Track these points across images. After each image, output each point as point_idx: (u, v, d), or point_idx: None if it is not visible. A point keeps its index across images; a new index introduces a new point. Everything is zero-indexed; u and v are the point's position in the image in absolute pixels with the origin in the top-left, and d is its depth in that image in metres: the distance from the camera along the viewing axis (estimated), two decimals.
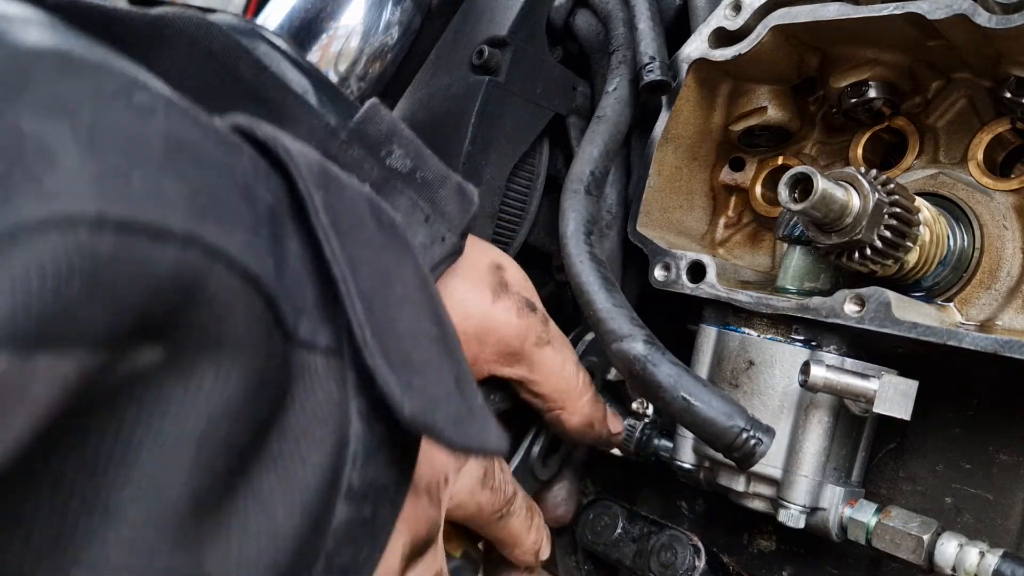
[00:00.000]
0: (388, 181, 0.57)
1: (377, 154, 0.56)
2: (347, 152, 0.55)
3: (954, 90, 0.72)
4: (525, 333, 0.64)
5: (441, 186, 0.59)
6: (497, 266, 0.65)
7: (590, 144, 0.77)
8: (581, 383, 0.69)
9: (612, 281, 0.68)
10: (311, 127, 0.54)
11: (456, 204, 0.60)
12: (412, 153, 0.58)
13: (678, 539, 0.75)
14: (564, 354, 0.68)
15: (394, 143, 0.57)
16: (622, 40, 0.81)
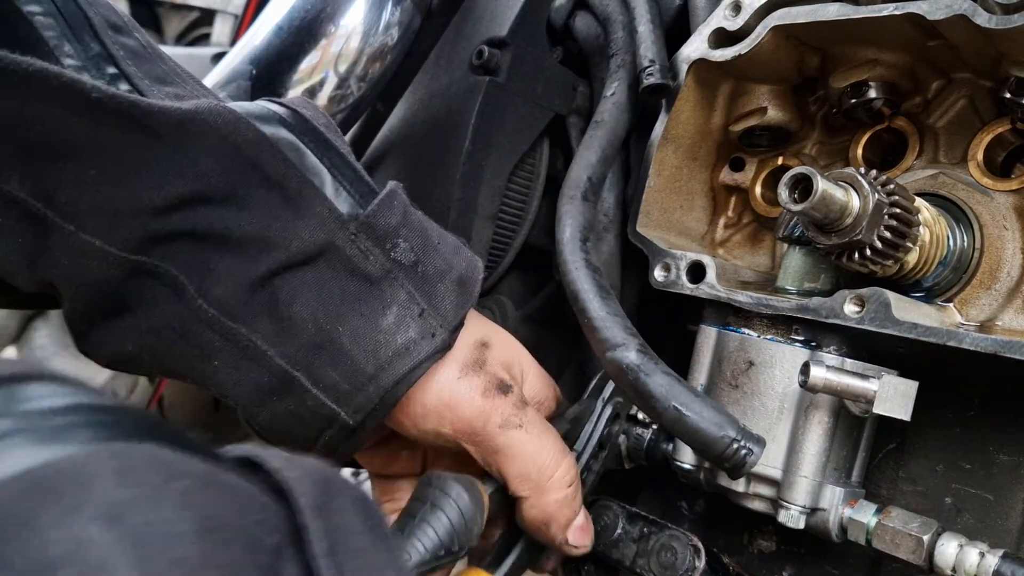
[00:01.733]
0: (390, 273, 0.60)
1: (383, 246, 0.60)
2: (354, 243, 0.59)
3: (954, 90, 0.72)
4: (488, 414, 0.62)
5: (441, 280, 0.63)
6: (482, 343, 0.65)
7: (587, 149, 0.77)
8: (555, 478, 0.64)
9: (607, 289, 0.68)
10: (322, 216, 0.58)
11: (453, 299, 0.63)
12: (417, 247, 0.62)
13: (678, 539, 0.75)
14: (540, 443, 0.63)
15: (400, 236, 0.61)
16: (621, 44, 0.81)
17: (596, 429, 0.72)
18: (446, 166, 0.81)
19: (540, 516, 0.64)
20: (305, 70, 0.80)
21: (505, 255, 0.88)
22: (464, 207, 0.81)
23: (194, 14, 2.12)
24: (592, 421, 0.72)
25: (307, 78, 0.80)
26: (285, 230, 0.57)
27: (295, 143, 0.59)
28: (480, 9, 0.86)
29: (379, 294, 0.60)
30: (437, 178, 0.82)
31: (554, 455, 0.64)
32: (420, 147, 0.86)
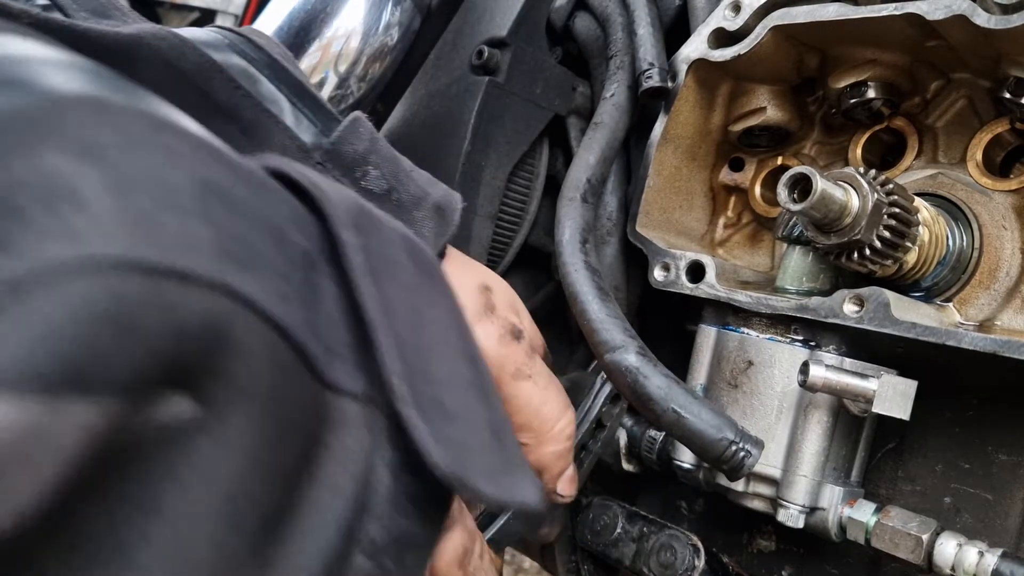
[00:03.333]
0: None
1: (352, 175, 0.56)
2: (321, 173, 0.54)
3: (953, 90, 0.72)
4: (502, 362, 0.60)
5: (417, 207, 0.59)
6: (485, 287, 0.62)
7: (587, 151, 0.77)
8: (555, 430, 0.62)
9: (606, 291, 0.68)
10: (283, 146, 0.54)
11: (433, 225, 0.59)
12: (389, 173, 0.58)
13: (677, 539, 0.75)
14: (545, 395, 0.61)
15: (370, 164, 0.57)
16: (620, 45, 0.81)
17: (595, 404, 0.70)
18: (446, 166, 0.81)
19: (535, 464, 0.62)
20: (305, 70, 0.80)
21: (505, 255, 0.88)
22: (464, 207, 0.81)
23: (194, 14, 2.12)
24: (591, 396, 0.71)
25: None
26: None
27: (248, 69, 0.55)
28: (480, 9, 0.86)
29: None
30: (437, 178, 0.82)
31: (558, 407, 0.62)
32: (420, 147, 0.86)
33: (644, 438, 0.78)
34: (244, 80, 0.54)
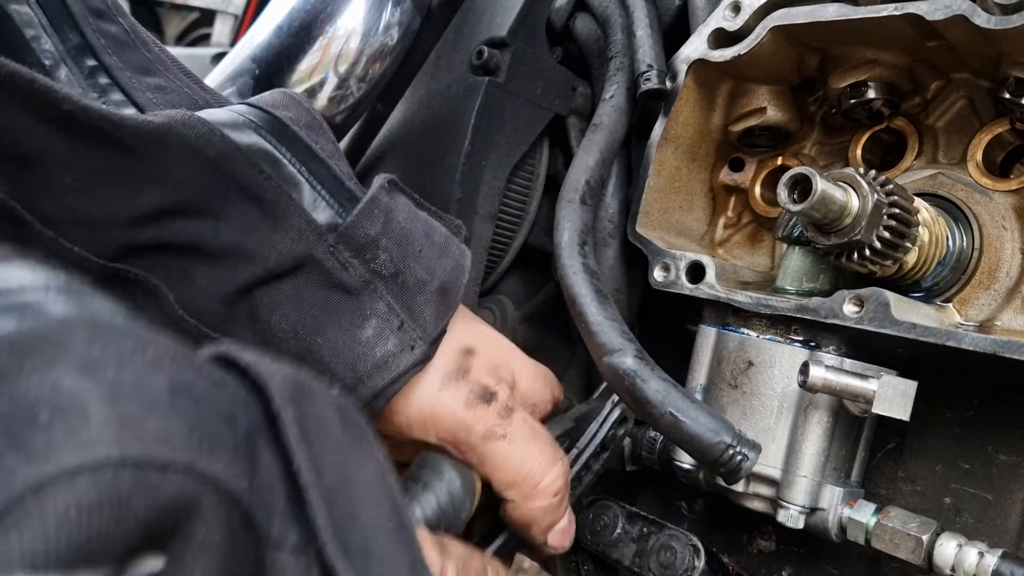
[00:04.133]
0: (369, 284, 0.60)
1: (362, 256, 0.59)
2: (333, 255, 0.58)
3: (953, 90, 0.72)
4: (469, 425, 0.61)
5: (421, 291, 0.62)
6: (466, 350, 0.64)
7: (586, 153, 0.77)
8: (540, 486, 0.62)
9: (604, 293, 0.68)
10: (300, 230, 0.57)
11: (433, 309, 0.62)
12: (398, 256, 0.61)
13: (677, 539, 0.75)
14: (525, 452, 0.62)
15: (380, 247, 0.60)
16: (620, 47, 0.81)
17: (601, 430, 0.71)
18: (446, 166, 0.81)
19: (522, 519, 0.64)
20: (305, 70, 0.80)
21: (505, 255, 0.88)
22: (464, 207, 0.81)
23: (194, 14, 2.12)
24: (598, 421, 0.71)
25: (307, 78, 0.80)
26: (262, 243, 0.56)
27: (271, 152, 0.58)
28: (480, 9, 0.86)
29: (358, 306, 0.59)
30: (437, 178, 0.82)
31: (541, 463, 0.62)
32: (420, 147, 0.86)
33: (644, 439, 0.78)
34: (266, 164, 0.57)
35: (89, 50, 0.57)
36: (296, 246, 0.57)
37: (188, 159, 0.53)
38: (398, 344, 0.60)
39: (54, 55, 0.56)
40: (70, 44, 0.57)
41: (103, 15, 0.59)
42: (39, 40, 0.56)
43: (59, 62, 0.57)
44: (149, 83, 0.60)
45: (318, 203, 0.59)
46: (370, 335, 0.59)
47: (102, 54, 0.58)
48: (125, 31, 0.60)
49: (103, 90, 0.59)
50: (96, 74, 0.58)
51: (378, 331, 0.59)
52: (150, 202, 0.52)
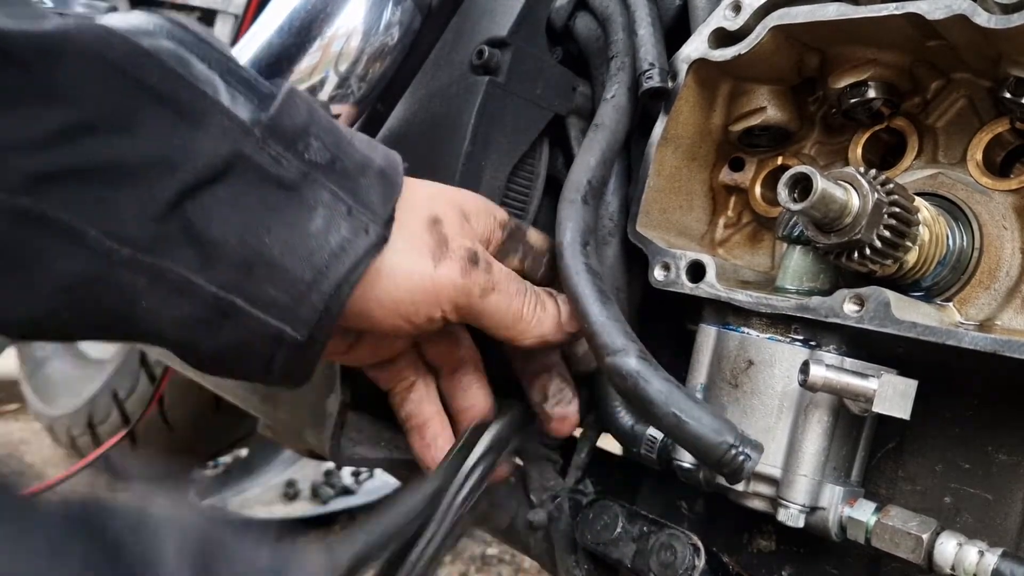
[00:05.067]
0: (307, 175, 0.57)
1: (295, 148, 0.57)
2: (264, 150, 0.55)
3: (953, 90, 0.72)
4: (469, 289, 0.65)
5: (362, 174, 0.60)
6: (433, 220, 0.65)
7: (587, 152, 0.77)
8: (528, 312, 0.69)
9: (607, 293, 0.68)
10: (224, 128, 0.54)
11: (379, 191, 0.60)
12: (331, 142, 0.59)
13: (678, 539, 0.75)
14: (508, 292, 0.68)
15: (311, 135, 0.57)
16: (621, 46, 0.81)
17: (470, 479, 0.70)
18: (446, 166, 0.81)
19: (535, 341, 0.71)
20: (305, 70, 0.80)
21: None
22: None
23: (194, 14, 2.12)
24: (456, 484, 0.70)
25: (307, 78, 0.80)
26: (185, 148, 0.52)
27: (178, 52, 0.53)
28: (480, 9, 0.86)
29: (300, 199, 0.57)
30: (437, 178, 0.82)
31: (522, 293, 0.69)
32: (420, 147, 0.86)
33: (644, 438, 0.78)
34: (176, 64, 0.53)
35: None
36: (222, 145, 0.53)
37: (90, 67, 0.49)
38: (351, 229, 0.58)
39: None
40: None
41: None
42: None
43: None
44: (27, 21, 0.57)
45: (236, 99, 0.55)
46: (320, 225, 0.57)
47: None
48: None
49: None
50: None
51: (327, 220, 0.57)
52: (53, 121, 0.48)
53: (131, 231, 0.51)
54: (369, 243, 0.59)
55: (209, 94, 0.54)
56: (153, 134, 0.51)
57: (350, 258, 0.58)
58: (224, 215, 0.54)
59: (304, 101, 0.59)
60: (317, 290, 0.57)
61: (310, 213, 0.57)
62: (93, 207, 0.50)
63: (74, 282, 0.51)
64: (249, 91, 0.57)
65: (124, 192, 0.50)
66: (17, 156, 0.47)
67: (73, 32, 0.48)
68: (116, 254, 0.51)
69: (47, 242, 0.49)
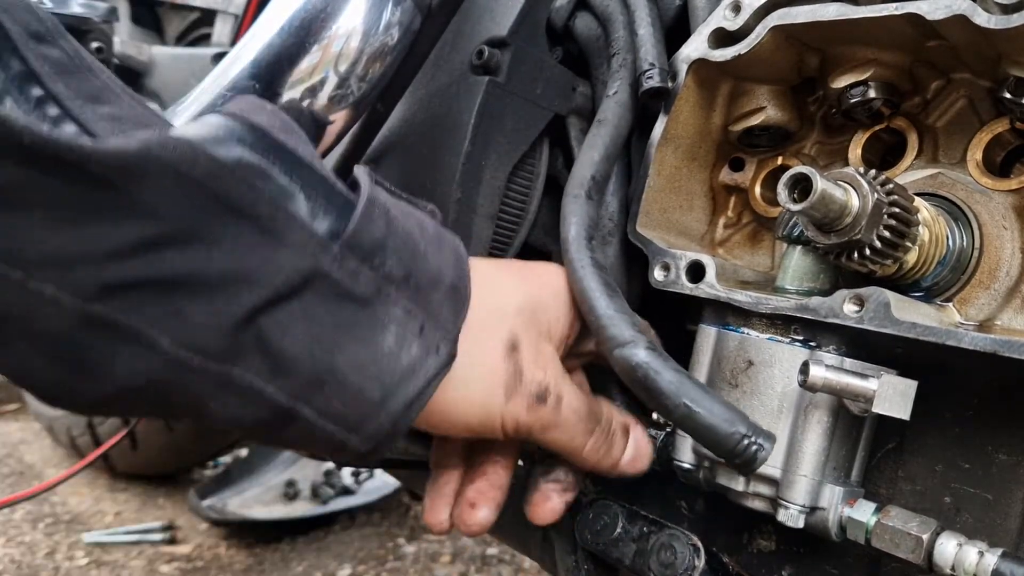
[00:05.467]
0: (381, 290, 0.57)
1: (371, 262, 0.56)
2: (341, 266, 0.55)
3: (953, 90, 0.72)
4: (531, 425, 0.66)
5: (434, 289, 0.60)
6: (512, 347, 0.65)
7: (591, 148, 0.77)
8: (590, 451, 0.71)
9: (614, 287, 0.68)
10: (303, 244, 0.53)
11: (450, 307, 0.61)
12: (407, 256, 0.58)
13: (678, 539, 0.75)
14: (573, 431, 0.69)
15: (388, 248, 0.57)
16: (623, 44, 0.81)
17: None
18: (446, 166, 0.81)
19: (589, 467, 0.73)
20: (305, 70, 0.80)
21: (505, 255, 0.88)
22: (464, 207, 0.81)
23: (194, 14, 2.12)
24: None
25: (307, 78, 0.80)
26: (264, 263, 0.52)
27: (258, 165, 0.53)
28: (480, 9, 0.86)
29: (374, 315, 0.57)
30: (437, 178, 0.82)
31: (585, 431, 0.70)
32: (420, 147, 0.86)
33: None
34: (256, 177, 0.52)
35: (33, 78, 0.53)
36: (301, 262, 0.53)
37: (171, 184, 0.48)
38: (422, 348, 0.58)
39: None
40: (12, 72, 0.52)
41: (43, 38, 0.55)
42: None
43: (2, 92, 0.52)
44: (102, 112, 0.56)
45: (316, 212, 0.55)
46: (392, 344, 0.57)
47: (48, 81, 0.53)
48: (68, 56, 0.56)
49: (53, 121, 0.54)
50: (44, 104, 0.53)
51: (400, 338, 0.57)
52: (132, 235, 0.47)
53: (204, 341, 0.51)
54: (440, 363, 0.59)
55: (289, 209, 0.53)
56: (231, 249, 0.51)
57: (420, 380, 0.58)
58: (298, 329, 0.54)
59: (381, 209, 0.58)
60: (386, 410, 0.57)
61: (383, 331, 0.57)
62: (167, 317, 0.50)
63: (142, 383, 0.51)
64: (328, 201, 0.56)
65: (199, 304, 0.50)
66: (94, 266, 0.47)
67: (156, 150, 0.48)
68: (188, 362, 0.51)
69: (118, 347, 0.49)
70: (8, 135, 0.42)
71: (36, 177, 0.44)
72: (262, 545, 2.22)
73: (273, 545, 2.22)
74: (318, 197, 0.56)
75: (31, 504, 2.30)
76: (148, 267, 0.48)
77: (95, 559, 2.10)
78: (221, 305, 0.51)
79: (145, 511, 2.38)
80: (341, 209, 0.57)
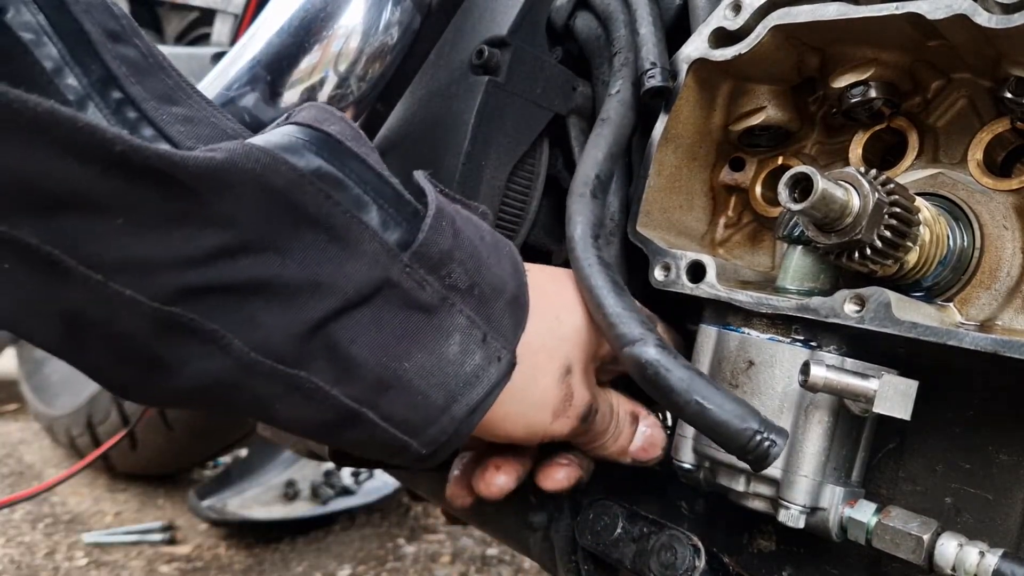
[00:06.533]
0: (446, 300, 0.59)
1: (437, 273, 0.58)
2: (410, 276, 0.56)
3: (954, 90, 0.72)
4: (568, 438, 0.71)
5: (497, 299, 0.62)
6: (567, 371, 0.68)
7: (594, 147, 0.77)
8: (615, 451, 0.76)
9: (621, 285, 0.68)
10: (375, 254, 0.55)
11: (511, 317, 0.63)
12: (472, 267, 0.60)
13: (678, 539, 0.75)
14: (601, 440, 0.74)
15: (454, 261, 0.59)
16: (624, 42, 0.81)
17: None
18: (446, 166, 0.81)
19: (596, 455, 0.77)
20: (305, 69, 0.80)
21: None
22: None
23: (194, 14, 2.12)
24: None
25: (307, 77, 0.80)
26: (336, 272, 0.53)
27: (334, 175, 0.54)
28: (480, 9, 0.86)
29: (439, 324, 0.58)
30: (437, 178, 0.81)
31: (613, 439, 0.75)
32: (420, 147, 0.86)
33: None
34: (333, 188, 0.54)
35: (113, 81, 0.54)
36: (373, 272, 0.54)
37: (253, 194, 0.50)
38: (485, 357, 0.60)
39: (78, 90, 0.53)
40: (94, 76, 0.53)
41: (119, 38, 0.56)
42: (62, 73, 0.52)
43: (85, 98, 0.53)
44: (176, 113, 0.57)
45: (387, 223, 0.56)
46: (456, 352, 0.59)
47: (126, 84, 0.54)
48: (143, 55, 0.57)
49: (132, 125, 0.56)
50: (123, 108, 0.55)
51: (463, 346, 0.59)
52: (211, 241, 0.48)
53: (275, 346, 0.52)
54: (501, 372, 0.61)
55: (362, 219, 0.55)
56: (306, 258, 0.52)
57: (483, 387, 0.60)
58: (366, 336, 0.55)
59: (449, 220, 0.60)
60: (449, 415, 0.59)
61: (447, 339, 0.59)
62: (240, 321, 0.51)
63: (212, 383, 0.52)
64: (398, 212, 0.58)
65: (272, 310, 0.51)
66: (174, 271, 0.48)
67: (240, 161, 0.49)
68: (258, 365, 0.52)
69: (192, 348, 0.50)
70: (98, 145, 0.43)
71: (121, 185, 0.45)
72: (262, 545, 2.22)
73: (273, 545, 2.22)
74: (388, 207, 0.57)
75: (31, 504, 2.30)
76: (225, 273, 0.49)
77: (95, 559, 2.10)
78: (294, 313, 0.52)
79: (145, 511, 2.38)
80: (411, 219, 0.58)
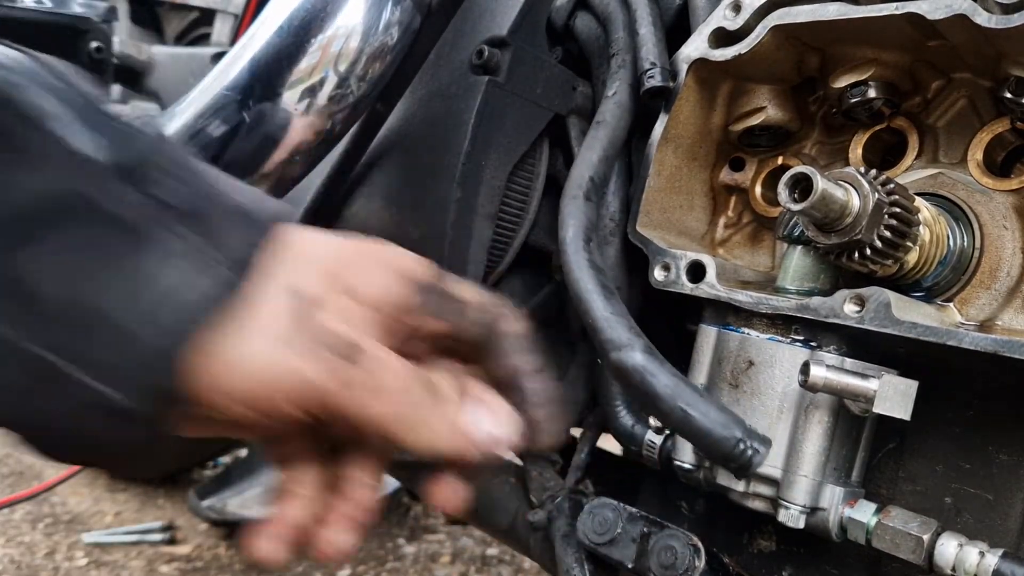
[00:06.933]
0: (156, 217, 0.48)
1: (144, 187, 0.48)
2: (106, 187, 0.47)
3: (954, 90, 0.72)
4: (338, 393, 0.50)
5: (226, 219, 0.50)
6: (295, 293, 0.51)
7: (589, 150, 0.77)
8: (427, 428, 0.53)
9: (611, 289, 0.68)
10: (61, 164, 0.46)
11: (240, 234, 0.50)
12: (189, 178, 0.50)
13: (678, 539, 0.75)
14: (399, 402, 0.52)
15: (170, 174, 0.49)
16: (622, 44, 0.81)
17: None
18: (446, 166, 0.81)
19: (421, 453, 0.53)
20: (305, 69, 0.80)
21: (505, 255, 0.88)
22: (464, 207, 0.81)
23: (194, 14, 2.12)
24: None
25: (307, 77, 0.80)
26: (12, 186, 0.44)
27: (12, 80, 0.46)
28: (480, 9, 0.86)
29: (147, 244, 0.47)
30: (437, 178, 0.82)
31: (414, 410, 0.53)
32: (420, 147, 0.86)
33: (645, 439, 0.78)
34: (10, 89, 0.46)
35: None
36: (57, 184, 0.45)
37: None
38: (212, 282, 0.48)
39: None
40: None
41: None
42: None
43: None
44: None
45: (83, 132, 0.47)
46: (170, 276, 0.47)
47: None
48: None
49: None
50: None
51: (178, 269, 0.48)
52: None
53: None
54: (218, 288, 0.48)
55: (48, 126, 0.46)
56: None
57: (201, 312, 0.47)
58: (56, 266, 0.46)
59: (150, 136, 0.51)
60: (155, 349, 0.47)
61: (158, 262, 0.47)
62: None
63: None
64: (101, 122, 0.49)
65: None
66: None
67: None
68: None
69: None
70: None
71: None
72: None
73: None
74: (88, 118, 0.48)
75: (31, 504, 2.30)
76: None
77: (95, 559, 2.10)
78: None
79: (145, 511, 2.38)
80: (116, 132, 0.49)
